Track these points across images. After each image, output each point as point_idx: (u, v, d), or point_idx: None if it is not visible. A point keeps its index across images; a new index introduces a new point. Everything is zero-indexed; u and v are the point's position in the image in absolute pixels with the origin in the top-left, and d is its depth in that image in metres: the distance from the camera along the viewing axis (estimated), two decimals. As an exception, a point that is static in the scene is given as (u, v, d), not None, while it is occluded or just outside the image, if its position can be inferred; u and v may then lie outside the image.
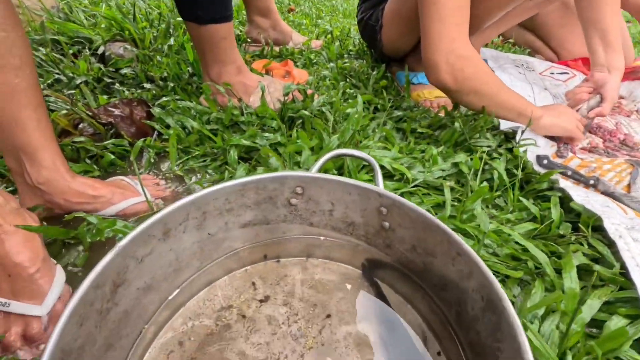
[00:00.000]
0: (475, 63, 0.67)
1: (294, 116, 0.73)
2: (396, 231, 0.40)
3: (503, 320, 0.27)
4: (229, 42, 0.76)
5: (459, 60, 0.66)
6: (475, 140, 0.72)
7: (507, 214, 0.58)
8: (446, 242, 0.34)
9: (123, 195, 0.54)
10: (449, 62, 0.66)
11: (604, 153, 0.77)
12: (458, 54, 0.65)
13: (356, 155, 0.44)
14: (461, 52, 0.65)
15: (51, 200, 0.49)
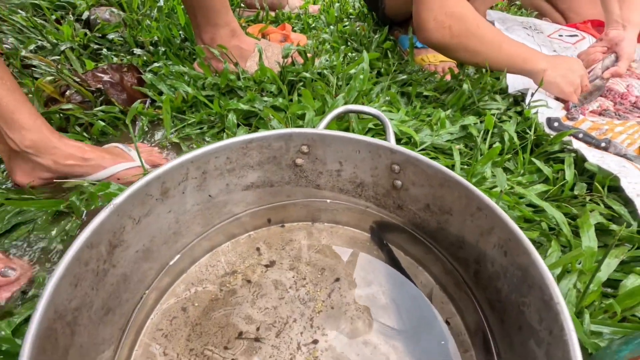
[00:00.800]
0: (466, 19, 0.63)
1: (294, 79, 0.69)
2: (409, 190, 0.38)
3: (530, 273, 0.25)
4: (221, 3, 0.71)
5: (448, 18, 0.63)
6: (485, 103, 0.69)
7: (517, 176, 0.56)
8: (464, 197, 0.32)
9: (114, 160, 0.51)
10: (437, 20, 0.63)
11: (615, 116, 0.74)
12: (447, 11, 0.62)
13: (365, 111, 0.41)
14: (452, 10, 0.62)
15: (40, 164, 0.47)
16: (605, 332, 0.35)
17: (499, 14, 1.03)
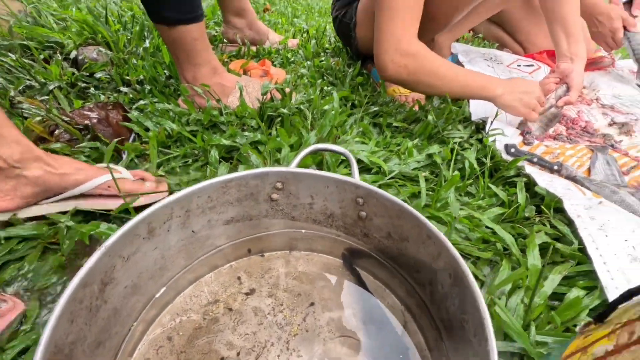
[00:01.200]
0: (420, 57, 0.70)
1: (273, 115, 0.75)
2: (373, 220, 0.42)
3: (468, 293, 0.30)
4: (201, 43, 0.77)
5: (403, 58, 0.70)
6: (448, 132, 0.76)
7: (478, 200, 0.62)
8: (417, 226, 0.37)
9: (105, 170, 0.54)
10: (394, 61, 0.71)
11: (567, 140, 0.82)
12: (402, 51, 0.69)
13: (332, 150, 0.46)
14: (406, 50, 0.69)
15: (27, 177, 0.48)
16: (549, 342, 0.40)
17: (463, 46, 1.12)
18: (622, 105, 0.93)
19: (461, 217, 0.55)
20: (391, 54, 0.70)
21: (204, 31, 0.77)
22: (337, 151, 0.46)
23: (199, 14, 0.75)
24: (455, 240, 0.52)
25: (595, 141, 0.81)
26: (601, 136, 0.83)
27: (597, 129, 0.85)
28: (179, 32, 0.74)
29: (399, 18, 0.68)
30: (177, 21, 0.72)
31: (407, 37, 0.69)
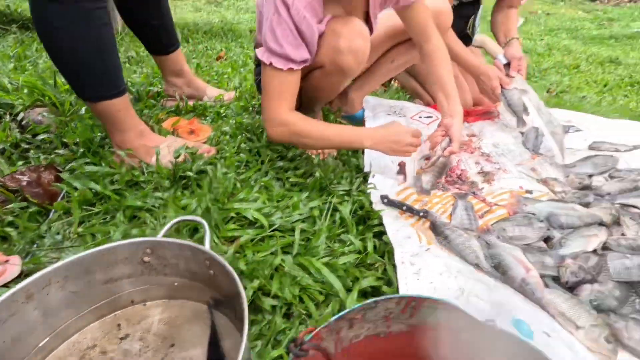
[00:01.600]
0: (293, 124, 0.86)
1: (184, 175, 0.88)
2: (218, 277, 0.55)
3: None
4: (124, 113, 0.90)
5: (280, 127, 0.87)
6: (335, 185, 0.90)
7: (344, 247, 0.75)
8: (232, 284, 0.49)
9: None
10: (274, 129, 0.88)
11: (442, 187, 0.97)
12: (278, 122, 0.86)
13: (190, 219, 0.59)
14: (280, 121, 0.86)
15: None
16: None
17: (374, 100, 1.29)
18: (496, 154, 1.09)
19: (321, 262, 0.68)
20: (270, 124, 0.87)
21: (126, 102, 0.91)
22: (195, 220, 0.59)
23: (121, 89, 0.88)
24: (309, 285, 0.64)
25: (463, 188, 0.96)
26: (469, 183, 0.98)
27: (469, 177, 1.01)
28: (102, 107, 0.87)
29: (273, 98, 0.85)
30: (99, 98, 0.85)
31: (281, 112, 0.85)
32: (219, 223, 0.74)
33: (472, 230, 0.83)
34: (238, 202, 0.81)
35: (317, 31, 0.80)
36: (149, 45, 1.19)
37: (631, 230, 0.85)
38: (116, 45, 0.87)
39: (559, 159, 1.05)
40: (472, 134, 1.22)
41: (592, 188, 1.00)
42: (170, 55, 1.19)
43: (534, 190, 0.94)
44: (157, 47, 1.17)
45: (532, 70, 2.43)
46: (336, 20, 0.83)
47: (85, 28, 0.78)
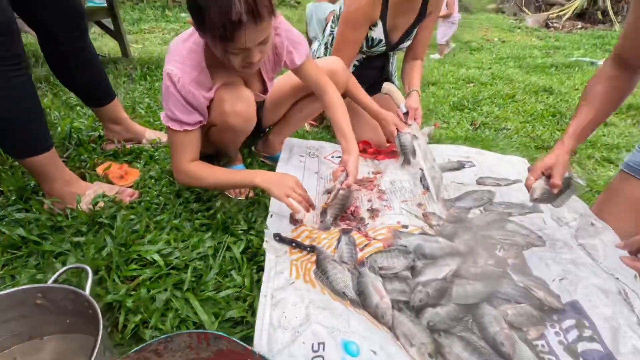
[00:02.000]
0: (195, 173, 1.03)
1: (99, 220, 1.00)
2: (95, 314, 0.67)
3: None
4: (51, 166, 1.03)
5: (184, 175, 1.04)
6: (235, 225, 1.04)
7: (229, 282, 0.88)
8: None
9: None
10: (179, 177, 1.05)
11: (334, 223, 1.12)
12: (182, 171, 1.03)
13: (75, 267, 0.72)
14: (183, 170, 1.03)
15: None
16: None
17: (295, 141, 1.45)
18: (389, 191, 1.26)
19: (203, 296, 0.81)
20: (177, 173, 1.05)
21: (52, 156, 1.03)
22: (80, 267, 0.72)
23: (47, 145, 1.01)
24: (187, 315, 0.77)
25: (351, 224, 1.11)
26: (359, 219, 1.14)
27: (359, 214, 1.16)
28: (29, 162, 1.00)
29: (177, 153, 1.02)
30: (26, 156, 0.98)
31: (184, 163, 1.02)
32: (120, 264, 0.87)
33: (352, 262, 0.97)
34: (142, 244, 0.94)
35: (205, 99, 0.97)
36: (84, 100, 1.33)
37: (483, 259, 1.01)
38: (41, 107, 1.00)
39: (436, 200, 1.22)
40: (377, 171, 1.39)
41: (467, 221, 1.16)
42: (105, 107, 1.33)
43: (410, 225, 1.10)
44: (92, 101, 1.32)
45: (467, 102, 2.65)
46: (223, 88, 1.00)
47: (10, 96, 0.91)
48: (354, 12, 1.28)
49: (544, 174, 0.98)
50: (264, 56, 0.90)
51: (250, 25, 0.77)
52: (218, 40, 0.81)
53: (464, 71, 3.73)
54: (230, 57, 0.85)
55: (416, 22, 1.42)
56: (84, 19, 1.18)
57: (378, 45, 1.42)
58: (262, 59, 0.91)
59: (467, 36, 6.16)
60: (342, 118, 1.18)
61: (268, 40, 0.87)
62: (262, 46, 0.86)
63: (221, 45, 0.83)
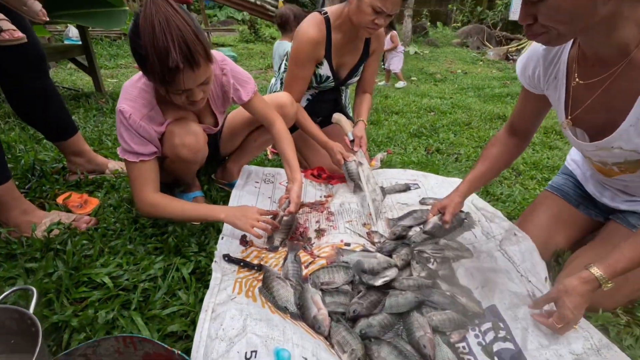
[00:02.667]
0: (158, 205, 1.09)
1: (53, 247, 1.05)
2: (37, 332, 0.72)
3: None
4: (8, 197, 1.08)
5: (147, 206, 1.10)
6: (186, 248, 1.10)
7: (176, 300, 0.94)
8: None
9: None
10: (142, 208, 1.10)
11: (282, 243, 1.19)
12: (144, 203, 1.09)
13: (19, 289, 0.77)
14: (146, 202, 1.09)
15: None
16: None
17: (252, 168, 1.55)
18: (337, 212, 1.36)
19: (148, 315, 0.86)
20: (140, 205, 1.11)
21: (10, 187, 1.09)
22: (25, 289, 0.77)
23: (4, 176, 1.07)
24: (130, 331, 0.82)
25: (300, 244, 1.19)
26: (307, 239, 1.22)
27: (308, 234, 1.25)
28: (-17, 193, 1.05)
29: (137, 185, 1.09)
30: (-19, 187, 1.04)
31: (146, 195, 1.09)
32: (70, 287, 0.91)
33: (296, 279, 1.04)
34: (94, 267, 0.99)
35: (156, 133, 1.06)
36: (45, 134, 1.40)
37: (416, 271, 1.10)
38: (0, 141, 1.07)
39: (375, 221, 1.32)
40: (329, 195, 1.49)
41: (407, 238, 1.27)
42: (67, 141, 1.40)
43: (352, 242, 1.19)
44: (53, 136, 1.39)
45: (425, 130, 2.85)
46: (173, 123, 1.10)
47: None
48: (299, 52, 1.43)
49: (440, 211, 1.15)
50: (207, 94, 1.01)
51: (187, 71, 0.88)
52: (160, 84, 0.91)
53: (426, 101, 3.99)
54: (174, 97, 0.96)
55: (361, 60, 1.58)
56: (44, 61, 1.27)
57: (327, 81, 1.57)
58: (205, 97, 1.01)
59: (433, 68, 6.59)
60: (288, 149, 1.29)
61: (209, 80, 0.98)
62: (204, 86, 0.97)
63: (163, 88, 0.93)
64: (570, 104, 0.90)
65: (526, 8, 0.70)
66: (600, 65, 0.80)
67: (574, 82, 0.87)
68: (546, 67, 0.93)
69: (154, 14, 0.84)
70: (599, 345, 0.83)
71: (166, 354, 0.58)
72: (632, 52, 0.73)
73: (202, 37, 0.91)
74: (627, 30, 0.70)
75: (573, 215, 1.14)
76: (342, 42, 1.48)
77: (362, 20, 1.32)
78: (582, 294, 0.80)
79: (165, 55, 0.84)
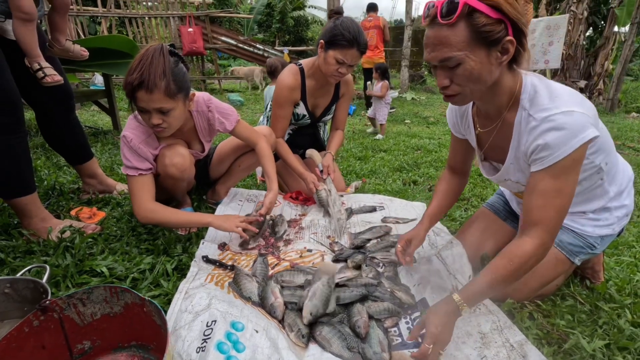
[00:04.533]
0: (154, 212, 1.32)
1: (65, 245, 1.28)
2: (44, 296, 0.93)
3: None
4: (32, 205, 1.33)
5: (145, 213, 1.32)
6: (172, 250, 1.32)
7: (159, 289, 1.14)
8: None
9: None
10: (141, 216, 1.33)
11: (263, 249, 1.40)
12: (143, 210, 1.32)
13: (38, 266, 0.99)
14: (144, 208, 1.32)
15: None
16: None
17: (238, 190, 1.79)
18: (307, 226, 1.57)
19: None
20: (139, 212, 1.34)
21: (34, 198, 1.34)
22: (40, 266, 0.99)
23: (30, 189, 1.33)
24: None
25: (269, 250, 1.40)
26: (276, 248, 1.42)
27: (277, 244, 1.45)
28: (15, 201, 1.30)
29: (137, 195, 1.33)
30: (12, 197, 1.29)
31: (144, 201, 1.32)
32: (74, 274, 1.13)
33: (262, 277, 1.24)
34: (95, 260, 1.20)
35: (151, 155, 1.34)
36: (67, 158, 1.69)
37: (365, 273, 1.28)
38: (31, 160, 1.35)
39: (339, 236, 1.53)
40: (303, 214, 1.71)
41: (365, 248, 1.46)
42: (84, 164, 1.69)
43: (314, 249, 1.39)
44: (73, 160, 1.68)
45: (408, 165, 3.09)
46: (165, 147, 1.38)
47: (7, 152, 1.25)
48: (279, 96, 1.73)
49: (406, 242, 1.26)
50: (168, 124, 1.25)
51: (141, 90, 1.15)
52: (127, 97, 1.20)
53: (415, 141, 4.28)
54: (142, 116, 1.24)
55: (332, 102, 1.89)
56: (72, 98, 1.59)
57: (303, 119, 1.86)
58: (167, 126, 1.25)
59: (427, 112, 6.99)
60: (268, 164, 1.55)
61: (171, 113, 1.23)
62: (163, 115, 1.22)
63: (130, 103, 1.22)
64: (480, 146, 1.15)
65: (444, 73, 0.90)
66: (488, 119, 1.06)
67: (476, 130, 1.12)
68: (461, 118, 1.19)
69: (144, 52, 1.18)
70: (503, 326, 0.99)
71: (140, 303, 0.78)
72: (504, 112, 0.99)
73: (174, 78, 1.19)
74: (503, 97, 0.97)
75: (501, 227, 1.33)
76: (315, 87, 1.78)
77: (328, 69, 1.63)
78: (445, 312, 0.89)
79: (130, 74, 1.15)
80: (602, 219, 1.12)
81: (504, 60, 0.88)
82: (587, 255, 1.14)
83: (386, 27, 6.12)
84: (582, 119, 0.85)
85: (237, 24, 13.60)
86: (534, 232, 0.89)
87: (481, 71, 0.87)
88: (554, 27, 6.93)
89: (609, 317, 1.09)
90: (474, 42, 0.84)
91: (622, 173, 1.13)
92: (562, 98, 0.89)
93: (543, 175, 0.90)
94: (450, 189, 1.31)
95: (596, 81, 7.45)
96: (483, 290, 0.91)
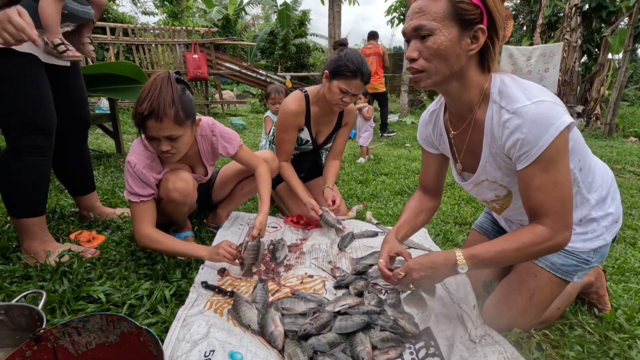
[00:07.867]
0: (153, 238, 1.32)
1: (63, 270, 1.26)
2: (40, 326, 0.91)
3: None
4: (38, 227, 1.33)
5: (145, 238, 1.32)
6: (171, 275, 1.30)
7: (157, 316, 1.11)
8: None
9: None
10: (140, 241, 1.32)
11: (262, 275, 1.38)
12: (143, 236, 1.31)
13: (32, 292, 0.97)
14: (143, 235, 1.31)
15: None
16: None
17: (239, 214, 1.78)
18: (307, 251, 1.55)
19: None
20: (139, 236, 1.34)
21: (42, 220, 1.34)
22: (36, 292, 0.97)
23: (40, 211, 1.33)
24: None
25: (270, 276, 1.38)
26: (277, 273, 1.40)
27: (277, 270, 1.43)
28: (23, 221, 1.30)
29: (137, 221, 1.34)
30: (22, 216, 1.29)
31: (144, 227, 1.32)
32: (70, 300, 1.11)
33: (262, 303, 1.21)
34: (92, 286, 1.18)
35: (154, 179, 1.34)
36: (69, 188, 1.69)
37: (368, 300, 1.26)
38: (49, 183, 1.35)
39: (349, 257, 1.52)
40: (304, 238, 1.70)
41: (367, 273, 1.43)
42: (85, 196, 1.69)
43: (315, 275, 1.37)
44: (75, 191, 1.68)
45: (409, 189, 3.09)
46: (169, 172, 1.39)
47: (33, 173, 1.27)
48: (283, 120, 1.76)
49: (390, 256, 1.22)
50: (177, 150, 1.27)
51: (151, 119, 1.17)
52: (137, 127, 1.21)
53: (416, 164, 4.30)
54: (151, 143, 1.25)
55: (335, 130, 1.91)
56: (88, 127, 1.61)
57: (306, 144, 1.88)
58: (178, 153, 1.28)
59: (427, 136, 7.07)
60: (263, 186, 1.54)
61: (179, 140, 1.25)
62: (172, 142, 1.24)
63: (140, 133, 1.23)
64: (455, 151, 1.14)
65: (415, 45, 0.92)
66: (461, 120, 1.06)
67: (450, 134, 1.12)
68: (432, 128, 1.19)
69: (152, 82, 1.19)
70: (510, 357, 0.96)
71: (136, 332, 0.76)
72: (474, 110, 0.99)
73: (182, 106, 1.21)
74: (472, 92, 0.97)
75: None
76: (319, 114, 1.82)
77: (332, 98, 1.66)
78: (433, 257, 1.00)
79: (140, 104, 1.17)
80: (590, 232, 1.07)
81: (473, 48, 0.91)
82: (586, 271, 1.09)
83: (385, 54, 6.30)
84: (555, 107, 0.86)
85: (241, 51, 14.03)
86: (542, 220, 0.91)
87: (449, 50, 0.90)
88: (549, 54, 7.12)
89: (619, 348, 1.05)
90: (449, 17, 0.87)
91: (600, 179, 1.09)
92: (531, 90, 0.90)
93: (533, 170, 0.90)
94: (420, 207, 1.28)
95: (593, 106, 7.57)
96: (487, 257, 0.94)
